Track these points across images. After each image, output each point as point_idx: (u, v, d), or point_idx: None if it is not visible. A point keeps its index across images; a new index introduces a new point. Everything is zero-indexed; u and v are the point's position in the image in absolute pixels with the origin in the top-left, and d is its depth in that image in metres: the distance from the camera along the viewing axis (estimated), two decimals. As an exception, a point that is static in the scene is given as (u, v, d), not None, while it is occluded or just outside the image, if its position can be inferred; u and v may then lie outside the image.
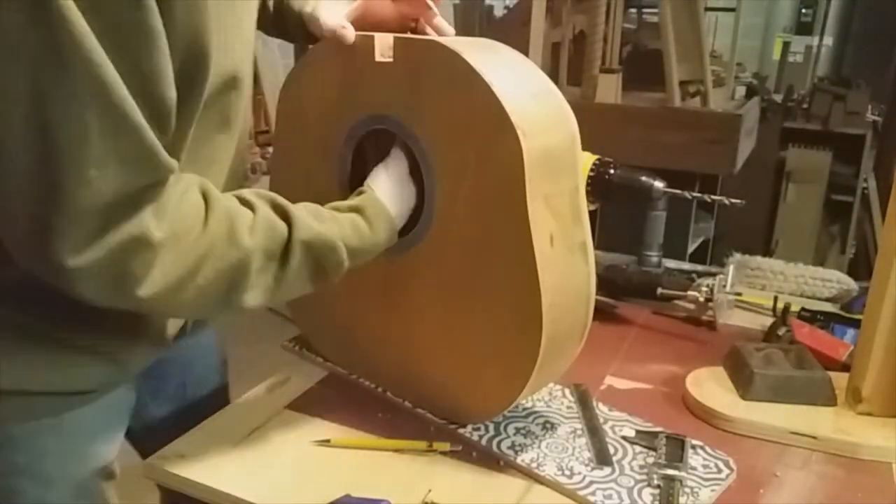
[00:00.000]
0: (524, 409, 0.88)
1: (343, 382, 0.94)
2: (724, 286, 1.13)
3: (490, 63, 0.72)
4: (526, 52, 0.79)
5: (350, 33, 0.78)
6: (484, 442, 0.82)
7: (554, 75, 0.75)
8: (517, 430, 0.84)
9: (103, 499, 0.80)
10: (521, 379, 0.76)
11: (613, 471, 0.78)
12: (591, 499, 0.74)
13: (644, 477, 0.77)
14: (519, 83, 0.74)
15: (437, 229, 0.78)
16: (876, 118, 3.29)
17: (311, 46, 0.85)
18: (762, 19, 5.77)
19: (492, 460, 0.80)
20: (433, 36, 0.82)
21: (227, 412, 0.88)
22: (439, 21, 0.85)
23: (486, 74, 0.70)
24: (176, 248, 0.60)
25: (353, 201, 0.76)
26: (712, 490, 0.75)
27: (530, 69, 0.77)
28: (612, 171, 1.14)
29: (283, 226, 0.67)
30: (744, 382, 0.91)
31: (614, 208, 1.17)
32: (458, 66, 0.72)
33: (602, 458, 0.79)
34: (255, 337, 2.94)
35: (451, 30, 0.85)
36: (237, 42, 0.68)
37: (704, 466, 0.79)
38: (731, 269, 1.18)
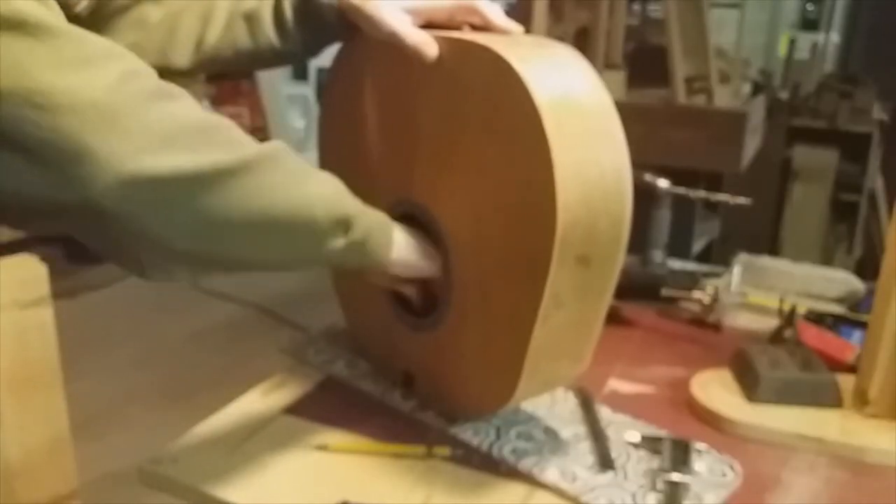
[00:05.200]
0: (526, 413, 0.86)
1: (342, 387, 0.93)
2: (730, 286, 1.12)
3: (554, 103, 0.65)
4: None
5: (433, 48, 0.69)
6: (485, 446, 0.80)
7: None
8: (518, 434, 0.82)
9: None
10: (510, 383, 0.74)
11: (617, 475, 0.77)
12: (594, 504, 0.72)
13: (648, 482, 0.75)
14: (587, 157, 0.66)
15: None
16: (883, 116, 3.27)
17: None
18: (767, 15, 5.74)
19: (492, 465, 0.79)
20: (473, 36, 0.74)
21: (223, 416, 0.87)
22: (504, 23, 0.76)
23: (552, 142, 0.63)
24: None
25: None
26: (717, 495, 0.74)
27: (589, 84, 0.69)
28: (615, 170, 1.13)
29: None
30: (750, 385, 0.89)
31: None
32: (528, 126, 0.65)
33: (605, 462, 0.78)
34: (252, 339, 2.94)
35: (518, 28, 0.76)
36: None
37: (709, 471, 0.77)
38: (736, 269, 1.16)
